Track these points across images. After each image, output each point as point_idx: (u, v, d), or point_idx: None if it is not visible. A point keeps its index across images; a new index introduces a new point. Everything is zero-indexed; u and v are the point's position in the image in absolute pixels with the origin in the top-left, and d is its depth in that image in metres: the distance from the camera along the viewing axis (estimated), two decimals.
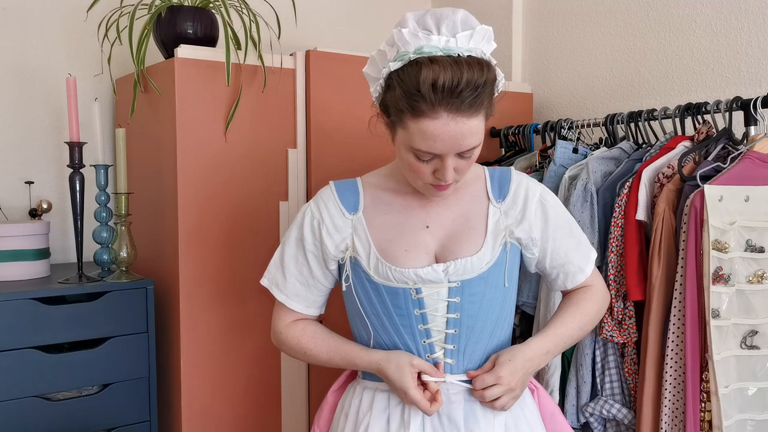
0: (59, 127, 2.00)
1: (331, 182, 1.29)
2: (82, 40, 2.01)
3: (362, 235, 1.22)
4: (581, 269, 1.30)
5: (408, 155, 1.13)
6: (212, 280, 1.68)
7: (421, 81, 1.05)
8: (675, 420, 1.44)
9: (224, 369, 1.71)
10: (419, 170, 1.14)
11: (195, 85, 1.63)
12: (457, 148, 1.09)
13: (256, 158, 1.72)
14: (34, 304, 1.53)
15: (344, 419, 1.27)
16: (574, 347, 1.63)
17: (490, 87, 1.10)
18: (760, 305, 1.42)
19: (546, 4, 2.31)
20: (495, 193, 1.25)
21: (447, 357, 1.20)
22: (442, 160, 1.11)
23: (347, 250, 1.23)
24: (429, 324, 1.20)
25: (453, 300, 1.19)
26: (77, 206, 1.69)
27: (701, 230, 1.39)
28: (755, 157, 1.44)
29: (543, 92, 2.33)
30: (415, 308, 1.19)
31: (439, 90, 1.04)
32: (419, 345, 1.20)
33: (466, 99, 1.05)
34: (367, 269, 1.21)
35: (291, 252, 1.28)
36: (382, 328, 1.22)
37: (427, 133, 1.07)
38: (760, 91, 1.73)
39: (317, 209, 1.25)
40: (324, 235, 1.23)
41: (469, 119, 1.07)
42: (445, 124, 1.06)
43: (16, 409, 1.51)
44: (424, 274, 1.18)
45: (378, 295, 1.21)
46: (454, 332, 1.20)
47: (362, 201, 1.25)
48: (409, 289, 1.18)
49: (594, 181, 1.63)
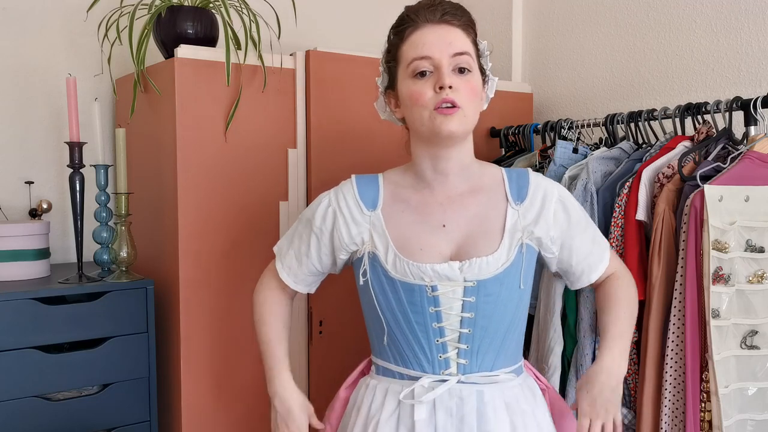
0: (59, 127, 2.00)
1: (353, 176, 1.31)
2: (82, 40, 2.01)
3: (380, 231, 1.24)
4: (601, 258, 1.33)
5: (409, 84, 1.18)
6: (212, 280, 1.68)
7: (403, 13, 1.21)
8: (675, 420, 1.44)
9: (224, 369, 1.71)
10: (421, 93, 1.16)
11: (195, 85, 1.63)
12: (447, 48, 1.16)
13: (256, 158, 1.72)
14: (34, 304, 1.53)
15: (356, 414, 1.28)
16: (574, 347, 1.63)
17: (468, 15, 1.22)
18: (760, 305, 1.42)
19: (546, 4, 2.32)
20: (514, 194, 1.26)
21: (460, 357, 1.21)
22: (438, 70, 1.16)
23: (364, 244, 1.25)
24: (443, 322, 1.20)
25: (468, 299, 1.19)
26: (77, 206, 1.69)
27: (701, 230, 1.39)
28: (755, 157, 1.44)
29: (543, 92, 2.33)
30: (430, 306, 1.20)
31: (420, 8, 1.19)
32: (432, 344, 1.21)
33: (446, 10, 1.18)
34: (384, 264, 1.22)
35: (300, 229, 1.34)
36: (397, 325, 1.23)
37: (417, 42, 1.17)
38: (760, 91, 1.73)
39: (336, 199, 1.28)
40: (340, 223, 1.26)
41: (451, 27, 1.18)
42: (430, 29, 1.18)
43: (16, 409, 1.51)
44: (441, 269, 1.19)
45: (394, 292, 1.21)
46: (468, 332, 1.20)
47: (381, 198, 1.27)
48: (425, 286, 1.19)
49: (594, 181, 1.63)
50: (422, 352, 1.22)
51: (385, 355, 1.27)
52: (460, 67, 1.17)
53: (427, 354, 1.21)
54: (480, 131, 2.13)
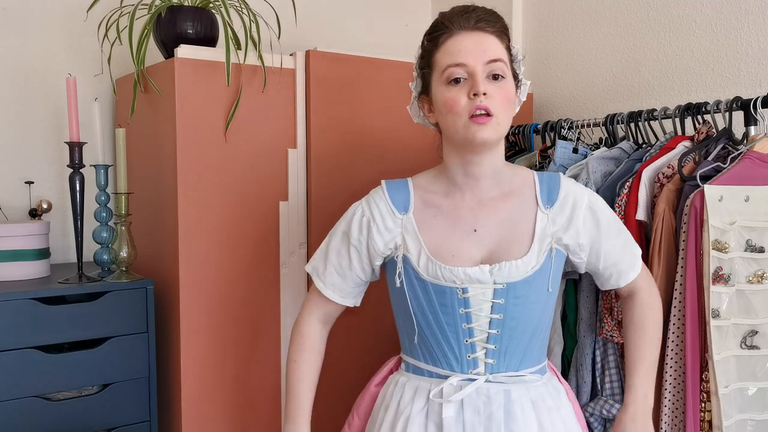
0: (59, 127, 2.00)
1: (383, 182, 1.34)
2: (82, 40, 2.01)
3: (413, 235, 1.27)
4: (632, 266, 1.34)
5: (443, 90, 1.20)
6: (212, 280, 1.68)
7: (438, 20, 1.23)
8: (675, 420, 1.44)
9: (224, 369, 1.71)
10: (455, 100, 1.18)
11: (195, 85, 1.63)
12: (481, 55, 1.18)
13: (256, 158, 1.72)
14: (34, 304, 1.53)
15: (384, 410, 1.31)
16: (574, 347, 1.63)
17: (501, 20, 1.24)
18: (760, 305, 1.42)
19: (546, 4, 2.32)
20: (544, 199, 1.28)
21: (488, 357, 1.24)
22: (473, 77, 1.17)
23: (397, 248, 1.28)
24: (473, 323, 1.23)
25: (498, 301, 1.22)
26: (77, 206, 1.69)
27: (701, 230, 1.39)
28: (755, 157, 1.44)
29: (543, 92, 2.33)
30: (460, 307, 1.23)
31: (454, 15, 1.21)
32: (461, 344, 1.24)
33: (480, 17, 1.20)
34: (416, 267, 1.25)
35: (335, 244, 1.34)
36: (427, 325, 1.26)
37: (451, 49, 1.19)
38: (760, 91, 1.73)
39: (368, 208, 1.31)
40: (374, 233, 1.29)
41: (485, 34, 1.20)
42: (464, 36, 1.19)
43: (16, 409, 1.51)
44: (473, 273, 1.21)
45: (425, 293, 1.25)
46: (496, 332, 1.23)
47: (413, 202, 1.29)
48: (456, 288, 1.22)
49: (594, 181, 1.63)
50: (451, 352, 1.25)
51: (416, 353, 1.30)
52: (494, 73, 1.19)
53: (456, 354, 1.25)
54: None
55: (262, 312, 1.75)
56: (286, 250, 1.77)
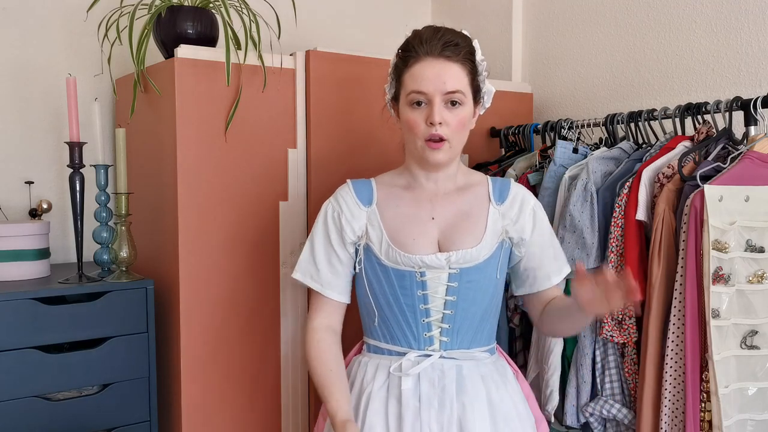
0: (59, 127, 2.00)
1: (349, 180, 1.45)
2: (82, 40, 2.01)
3: (375, 225, 1.39)
4: (549, 277, 1.44)
5: (406, 111, 1.34)
6: (212, 280, 1.68)
7: (410, 39, 1.35)
8: (675, 420, 1.44)
9: (224, 369, 1.71)
10: (415, 122, 1.32)
11: (195, 85, 1.63)
12: (441, 86, 1.30)
13: (256, 158, 1.72)
14: (34, 304, 1.53)
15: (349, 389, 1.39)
16: (574, 347, 1.63)
17: (467, 46, 1.34)
18: (760, 305, 1.42)
19: (546, 4, 2.32)
20: (496, 196, 1.43)
21: (442, 335, 1.37)
22: (431, 104, 1.30)
23: (362, 237, 1.39)
24: (429, 304, 1.36)
25: (452, 285, 1.36)
26: (77, 206, 1.69)
27: (701, 230, 1.39)
28: (755, 157, 1.44)
29: (543, 92, 2.33)
30: (418, 289, 1.36)
31: (423, 39, 1.32)
32: (419, 323, 1.37)
33: (446, 44, 1.31)
34: (378, 254, 1.37)
35: (319, 245, 1.43)
36: (388, 306, 1.38)
37: (416, 74, 1.32)
38: (760, 91, 1.73)
39: (336, 203, 1.43)
40: (344, 222, 1.40)
41: (449, 62, 1.31)
42: (429, 64, 1.31)
43: (16, 409, 1.51)
44: (429, 261, 1.34)
45: (387, 277, 1.37)
46: (450, 313, 1.36)
47: (375, 196, 1.42)
48: (415, 272, 1.35)
49: (594, 181, 1.63)
50: (410, 330, 1.37)
51: (376, 334, 1.42)
52: (452, 100, 1.32)
53: (414, 332, 1.37)
54: (480, 131, 2.13)
55: (261, 311, 1.75)
56: (285, 249, 1.78)
